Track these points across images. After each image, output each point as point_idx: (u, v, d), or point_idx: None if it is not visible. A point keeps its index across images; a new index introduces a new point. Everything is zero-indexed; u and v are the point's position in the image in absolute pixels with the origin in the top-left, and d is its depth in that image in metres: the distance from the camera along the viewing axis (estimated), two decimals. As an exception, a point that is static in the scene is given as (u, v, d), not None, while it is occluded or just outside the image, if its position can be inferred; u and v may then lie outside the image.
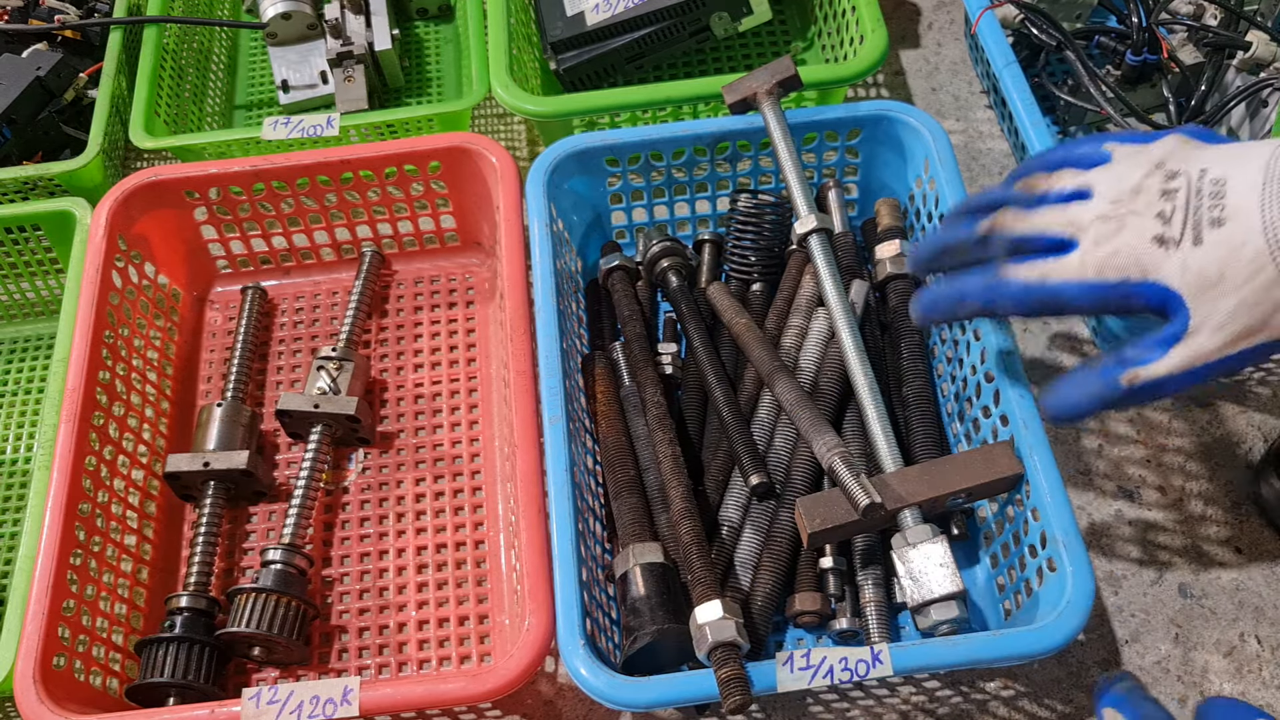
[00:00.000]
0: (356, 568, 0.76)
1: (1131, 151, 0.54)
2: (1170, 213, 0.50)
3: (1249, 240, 0.47)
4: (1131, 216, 0.51)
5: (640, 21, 0.91)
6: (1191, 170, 0.51)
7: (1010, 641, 0.58)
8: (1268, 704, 0.68)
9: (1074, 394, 0.54)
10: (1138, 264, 0.50)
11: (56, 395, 0.72)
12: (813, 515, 0.63)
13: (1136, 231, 0.51)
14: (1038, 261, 0.54)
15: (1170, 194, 0.51)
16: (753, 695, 0.57)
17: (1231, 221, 0.48)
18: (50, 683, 0.62)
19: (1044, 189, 0.56)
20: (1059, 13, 0.89)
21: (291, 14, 0.99)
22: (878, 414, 0.68)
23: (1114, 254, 0.51)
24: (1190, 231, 0.49)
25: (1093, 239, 0.52)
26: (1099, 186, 0.54)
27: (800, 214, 0.74)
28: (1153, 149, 0.54)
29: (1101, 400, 0.53)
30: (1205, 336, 0.49)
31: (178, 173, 0.81)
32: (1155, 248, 0.50)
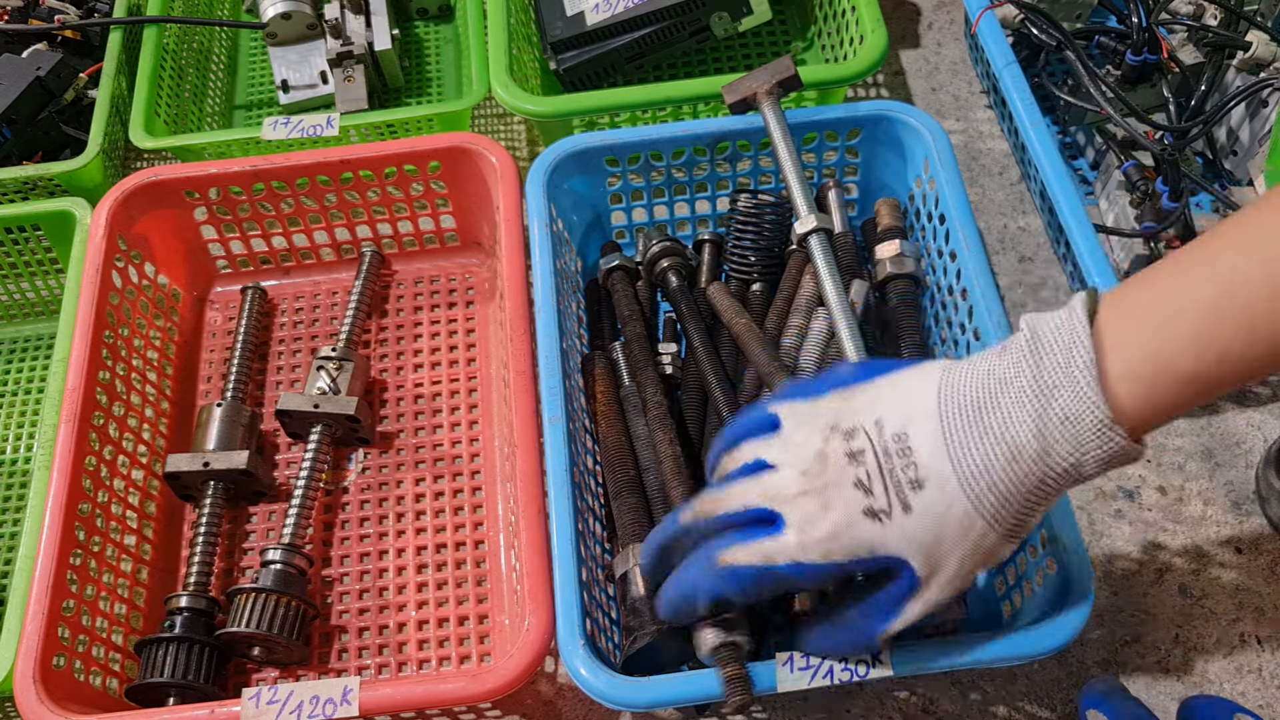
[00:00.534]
0: (356, 568, 0.76)
1: (800, 413, 0.53)
2: (868, 480, 0.49)
3: (953, 502, 0.48)
4: (832, 490, 0.50)
5: (640, 21, 0.91)
6: (868, 426, 0.50)
7: (1010, 641, 0.58)
8: (1267, 704, 0.68)
9: (832, 647, 0.56)
10: (863, 544, 0.49)
11: (56, 395, 0.72)
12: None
13: (844, 508, 0.49)
14: (753, 542, 0.51)
15: (857, 457, 0.50)
16: (754, 694, 0.57)
17: (930, 484, 0.48)
18: (50, 683, 0.62)
19: (730, 468, 0.55)
20: (1059, 13, 0.89)
21: (291, 14, 0.99)
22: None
23: (833, 537, 0.50)
24: (895, 498, 0.49)
25: (801, 518, 0.50)
26: (781, 456, 0.52)
27: (800, 214, 0.74)
28: (819, 410, 0.52)
29: (854, 649, 0.56)
30: (935, 589, 0.50)
31: (178, 173, 0.81)
32: (871, 524, 0.49)
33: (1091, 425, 0.45)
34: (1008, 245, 0.89)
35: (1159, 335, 0.45)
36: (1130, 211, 0.81)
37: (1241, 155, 0.85)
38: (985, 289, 0.69)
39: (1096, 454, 0.46)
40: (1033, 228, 0.90)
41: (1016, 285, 0.87)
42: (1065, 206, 0.76)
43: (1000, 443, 0.47)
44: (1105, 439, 0.45)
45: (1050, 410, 0.46)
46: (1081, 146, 0.92)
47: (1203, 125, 0.80)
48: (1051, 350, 0.47)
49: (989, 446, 0.47)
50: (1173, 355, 0.45)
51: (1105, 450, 0.46)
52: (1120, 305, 0.47)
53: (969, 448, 0.47)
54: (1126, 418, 0.45)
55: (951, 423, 0.48)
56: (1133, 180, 0.81)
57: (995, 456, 0.47)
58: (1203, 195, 0.86)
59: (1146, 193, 0.80)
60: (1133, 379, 0.45)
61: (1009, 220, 0.91)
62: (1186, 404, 0.46)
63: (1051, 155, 0.78)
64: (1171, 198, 0.78)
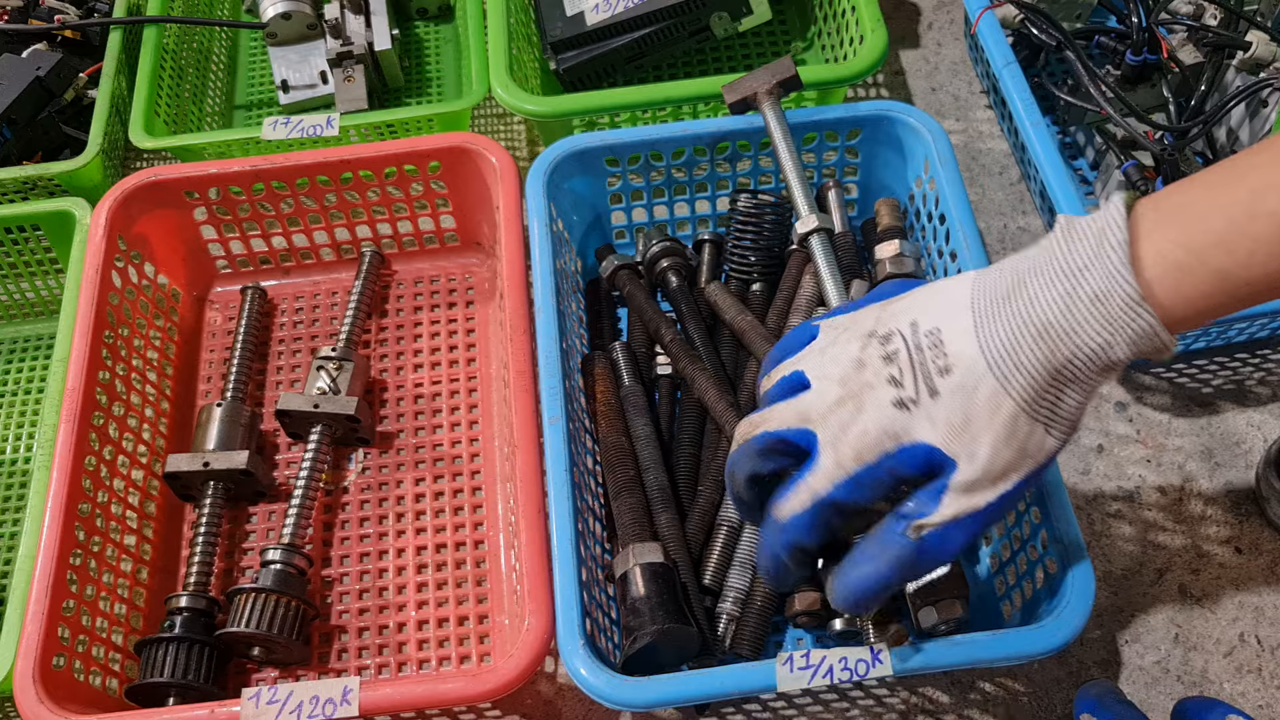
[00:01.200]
0: (356, 568, 0.76)
1: (839, 325, 0.53)
2: (900, 375, 0.49)
3: (980, 381, 0.48)
4: (866, 392, 0.50)
5: (640, 21, 0.91)
6: (903, 327, 0.50)
7: (1010, 641, 0.58)
8: (1267, 704, 0.68)
9: (869, 569, 0.51)
10: (889, 434, 0.49)
11: (56, 395, 0.72)
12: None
13: (876, 406, 0.50)
14: (797, 486, 0.51)
15: (892, 357, 0.50)
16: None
17: (958, 368, 0.48)
18: (50, 683, 0.62)
19: (767, 387, 0.55)
20: (1059, 13, 0.89)
21: (291, 14, 0.99)
22: None
23: (863, 435, 0.50)
24: (924, 386, 0.49)
25: (836, 427, 0.50)
26: (818, 368, 0.52)
27: (801, 214, 0.74)
28: (859, 319, 0.53)
29: (897, 563, 0.50)
30: (974, 480, 0.49)
31: (178, 173, 0.81)
32: (900, 413, 0.49)
33: (1121, 302, 0.45)
34: (1008, 245, 0.89)
35: (1192, 228, 0.46)
36: (1130, 211, 0.81)
37: (1241, 155, 0.85)
38: (985, 289, 0.69)
39: (1126, 332, 0.46)
40: (1033, 228, 0.90)
41: (1016, 285, 0.87)
42: (1065, 206, 0.76)
43: (1027, 322, 0.47)
44: (1134, 315, 0.45)
45: (1079, 289, 0.46)
46: (1081, 146, 0.92)
47: (1203, 125, 0.80)
48: (1084, 235, 0.47)
49: (1016, 326, 0.47)
50: (1204, 246, 0.45)
51: (1135, 329, 0.45)
52: (1156, 202, 0.47)
53: (996, 329, 0.47)
54: (1157, 304, 0.45)
55: (981, 311, 0.48)
56: (1133, 180, 0.81)
57: (1022, 335, 0.47)
58: (1203, 195, 0.85)
59: (1146, 193, 0.80)
60: (1165, 265, 0.45)
61: (1009, 220, 0.91)
62: (1217, 305, 0.46)
63: (1051, 155, 0.78)
64: (1171, 198, 0.77)
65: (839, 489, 0.50)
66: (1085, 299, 0.46)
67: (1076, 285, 0.46)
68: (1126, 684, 0.69)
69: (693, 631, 0.63)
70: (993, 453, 0.48)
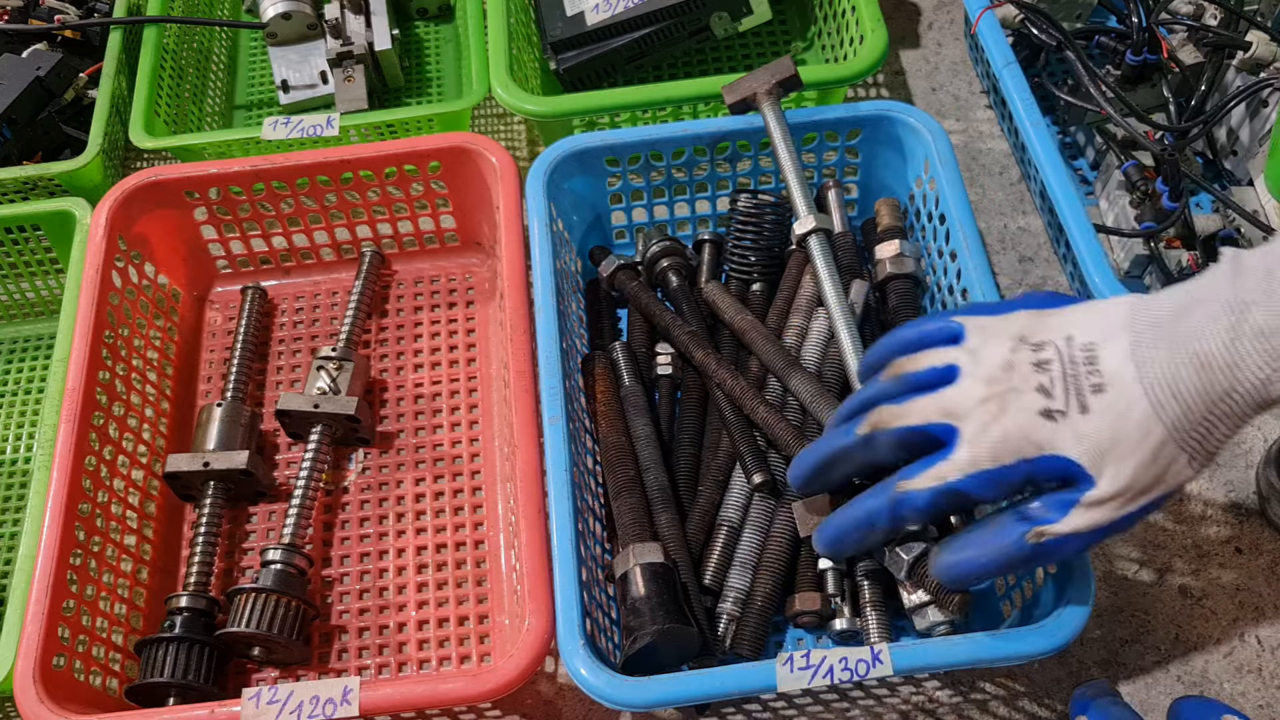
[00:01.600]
0: (356, 568, 0.76)
1: (986, 326, 0.54)
2: (1050, 385, 0.50)
3: (1134, 404, 0.48)
4: (1012, 395, 0.51)
5: (640, 21, 0.91)
6: (1057, 339, 0.51)
7: (1010, 641, 0.58)
8: (1267, 703, 0.68)
9: (978, 555, 0.53)
10: (1031, 441, 0.50)
11: (56, 395, 0.72)
12: (806, 521, 0.63)
13: (1021, 409, 0.50)
14: (929, 467, 0.52)
15: (1044, 365, 0.51)
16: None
17: (1112, 388, 0.49)
18: (50, 683, 0.62)
19: (910, 370, 0.55)
20: (1059, 13, 0.89)
21: (291, 14, 0.99)
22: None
23: (1004, 438, 0.50)
24: (1075, 400, 0.49)
25: (977, 425, 0.51)
26: (965, 366, 0.53)
27: (800, 214, 0.74)
28: (1009, 323, 0.53)
29: (1008, 558, 0.52)
30: (1109, 499, 0.49)
31: (178, 173, 0.81)
32: (1045, 422, 0.50)
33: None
34: (1008, 245, 0.89)
35: None
36: (1130, 211, 0.81)
37: (1241, 155, 0.85)
38: (985, 289, 0.69)
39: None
40: (1033, 228, 0.90)
41: (1016, 285, 0.87)
42: (1065, 206, 0.76)
43: (1189, 353, 0.47)
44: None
45: (1245, 324, 0.46)
46: (1081, 146, 0.92)
47: (1203, 125, 0.80)
48: (1253, 270, 0.47)
49: (1177, 356, 0.47)
50: None
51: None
52: None
53: (1156, 356, 0.48)
54: None
55: (1141, 335, 0.49)
56: (1133, 180, 0.81)
57: (1182, 365, 0.47)
58: (1203, 195, 0.86)
59: (1146, 193, 0.80)
60: None
61: (1009, 220, 0.91)
62: None
63: (1051, 155, 0.78)
64: (1171, 198, 0.78)
65: (968, 481, 0.51)
66: (1250, 333, 0.46)
67: (1242, 319, 0.46)
68: (1126, 684, 0.69)
69: (693, 631, 0.63)
70: (1133, 476, 0.49)
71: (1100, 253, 0.73)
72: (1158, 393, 0.48)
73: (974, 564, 0.53)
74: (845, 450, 0.56)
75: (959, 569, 0.54)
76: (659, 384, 0.78)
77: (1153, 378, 0.48)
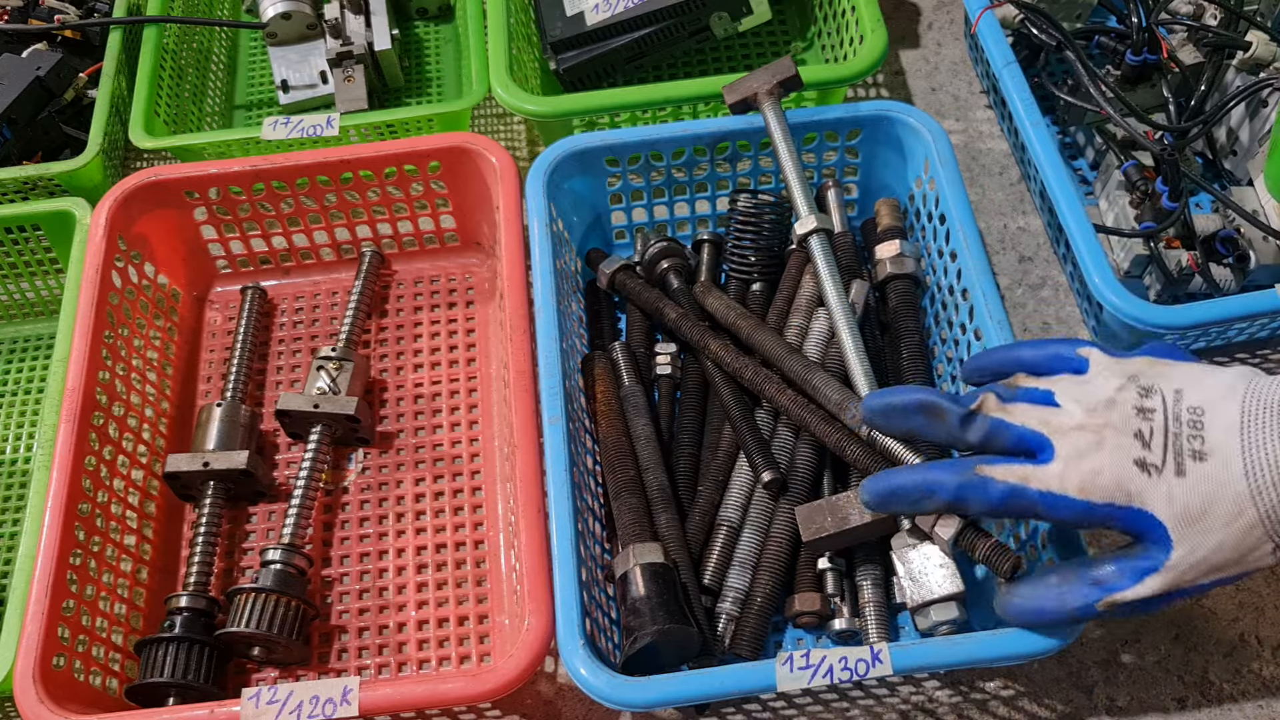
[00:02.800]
0: (356, 568, 0.76)
1: (1104, 363, 0.55)
2: (1149, 435, 0.50)
3: (1231, 481, 0.48)
4: (1109, 431, 0.51)
5: (640, 21, 0.91)
6: (1166, 391, 0.51)
7: (1010, 641, 0.58)
8: (1267, 703, 0.68)
9: (1048, 606, 0.54)
10: (1122, 488, 0.50)
11: (56, 395, 0.72)
12: (809, 525, 0.63)
13: (1117, 451, 0.51)
14: (1015, 465, 0.53)
15: (1146, 414, 0.51)
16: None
17: (1213, 458, 0.49)
18: (50, 683, 0.62)
19: (1022, 383, 0.56)
20: (1059, 13, 0.89)
21: (291, 14, 0.99)
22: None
23: (1096, 474, 0.51)
24: (1172, 460, 0.49)
25: (1071, 449, 0.51)
26: (1072, 393, 0.54)
27: (800, 214, 0.74)
28: (1126, 364, 0.54)
29: (1071, 615, 0.53)
30: (1185, 570, 0.50)
31: (178, 173, 0.81)
32: (1139, 473, 0.50)
33: None
34: (1008, 245, 0.89)
35: None
36: (1130, 211, 0.81)
37: (1241, 155, 0.85)
38: (985, 289, 0.70)
39: None
40: (1033, 228, 0.90)
41: (1016, 285, 0.87)
42: (1065, 206, 0.76)
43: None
44: None
45: None
46: (1081, 146, 0.92)
47: (1203, 125, 0.80)
48: None
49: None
50: None
51: None
52: None
53: (1263, 439, 0.48)
54: None
55: (1253, 416, 0.49)
56: (1132, 180, 0.81)
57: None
58: (1203, 195, 0.86)
59: (1146, 193, 0.80)
60: None
61: (1009, 220, 0.91)
62: None
63: (1051, 155, 0.78)
64: (1171, 198, 0.78)
65: (1048, 499, 0.51)
66: None
67: None
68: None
69: (693, 632, 0.63)
70: (1216, 553, 0.49)
71: (1100, 253, 0.73)
72: (1259, 477, 0.48)
73: (1043, 614, 0.55)
74: (941, 409, 0.55)
75: (1026, 615, 0.55)
76: (659, 384, 0.78)
77: (1258, 460, 0.48)
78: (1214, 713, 0.68)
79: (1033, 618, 0.55)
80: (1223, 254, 0.79)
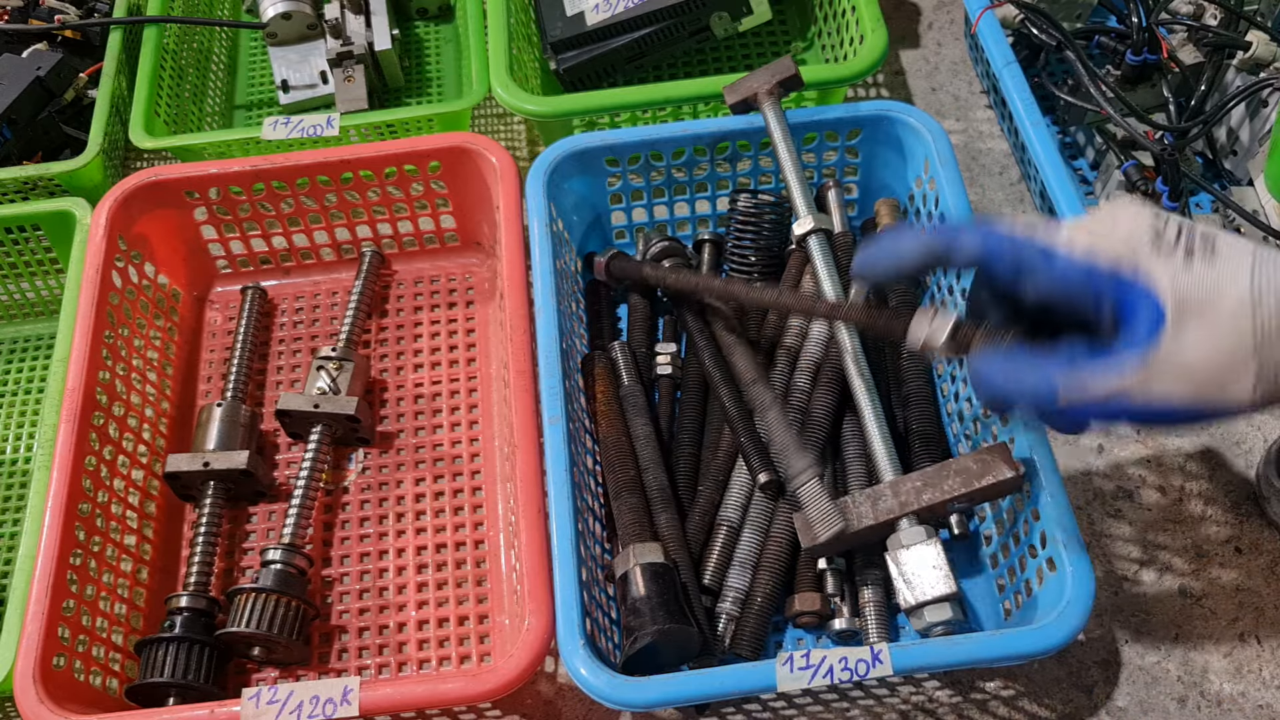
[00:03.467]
0: (356, 568, 0.76)
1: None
2: (1163, 228, 0.48)
3: (1237, 280, 0.46)
4: (1124, 210, 0.49)
5: (640, 21, 0.91)
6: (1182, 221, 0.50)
7: (1010, 641, 0.58)
8: (1267, 704, 0.68)
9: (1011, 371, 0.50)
10: (1133, 254, 0.47)
11: (56, 395, 0.72)
12: (807, 531, 0.63)
13: (1134, 220, 0.48)
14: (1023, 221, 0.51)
15: (1163, 218, 0.49)
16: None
17: (1223, 260, 0.47)
18: (50, 683, 0.62)
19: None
20: (1059, 13, 0.89)
21: (291, 14, 0.99)
22: (876, 420, 0.68)
23: (1105, 236, 0.48)
24: (1183, 247, 0.47)
25: (1083, 221, 0.49)
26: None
27: (800, 214, 0.74)
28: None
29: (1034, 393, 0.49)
30: (1162, 367, 0.46)
31: (178, 173, 0.81)
32: (1150, 246, 0.47)
33: None
34: (1008, 245, 0.89)
35: None
36: (1130, 211, 0.81)
37: (1241, 155, 0.85)
38: (985, 289, 0.69)
39: None
40: (1033, 228, 0.90)
41: (1016, 285, 0.87)
42: (1065, 206, 0.76)
43: None
44: None
45: None
46: (1081, 146, 0.92)
47: (1203, 125, 0.80)
48: None
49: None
50: None
51: None
52: None
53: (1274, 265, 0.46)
54: None
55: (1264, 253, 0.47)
56: (1133, 180, 0.81)
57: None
58: (1203, 195, 0.86)
59: (1146, 193, 0.80)
60: None
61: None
62: None
63: (1051, 155, 0.78)
64: (1171, 198, 0.78)
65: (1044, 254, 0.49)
66: None
67: None
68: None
69: (693, 632, 0.63)
70: (1198, 356, 0.46)
71: (1100, 253, 0.73)
72: (1262, 284, 0.46)
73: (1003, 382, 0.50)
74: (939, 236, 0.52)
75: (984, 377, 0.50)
76: (659, 384, 0.78)
77: (1264, 275, 0.46)
78: (1214, 713, 0.68)
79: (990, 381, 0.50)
80: (1223, 254, 0.79)
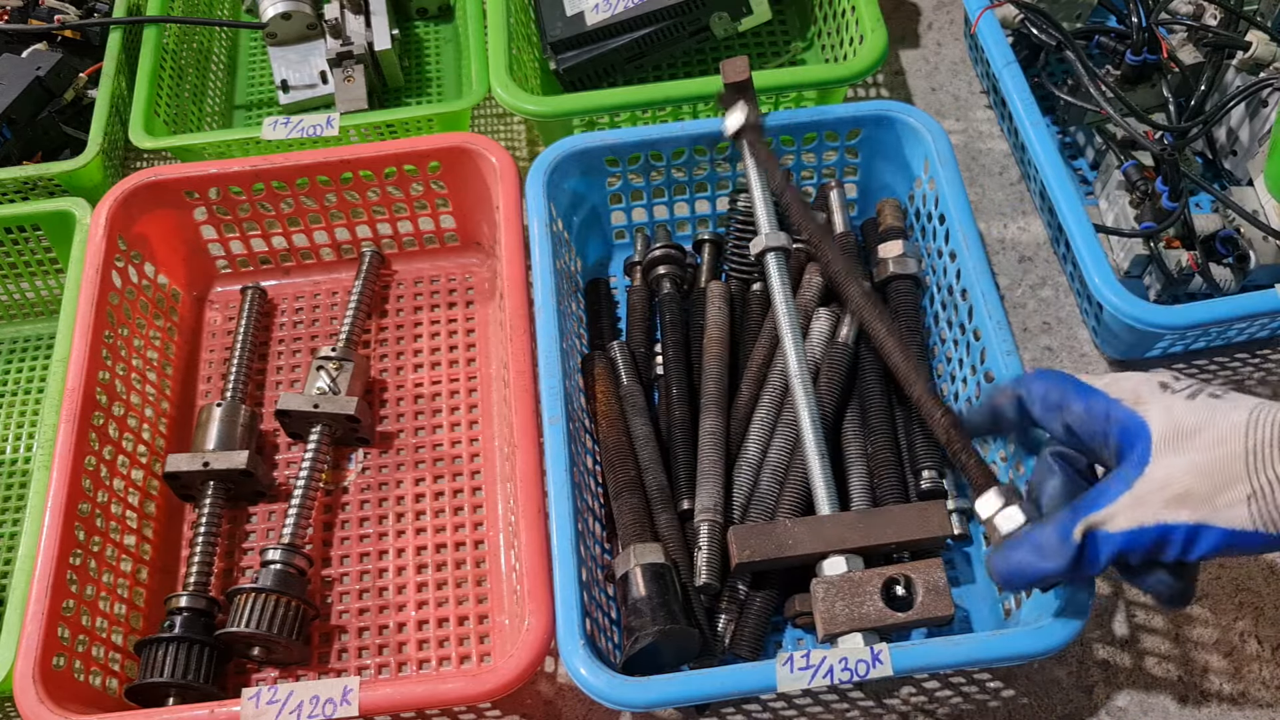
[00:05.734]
0: (356, 568, 0.76)
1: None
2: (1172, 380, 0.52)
3: (1233, 412, 0.48)
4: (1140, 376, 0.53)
5: (640, 21, 0.91)
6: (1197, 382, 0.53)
7: (1010, 641, 0.58)
8: (1267, 704, 0.68)
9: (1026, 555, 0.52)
10: (1135, 393, 0.51)
11: (56, 395, 0.72)
12: (743, 546, 0.63)
13: (1147, 378, 0.52)
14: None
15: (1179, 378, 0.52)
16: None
17: (1223, 401, 0.50)
18: (50, 683, 0.62)
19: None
20: (1059, 13, 0.89)
21: (291, 14, 0.99)
22: (818, 455, 0.67)
23: (1119, 380, 0.53)
24: (1186, 392, 0.51)
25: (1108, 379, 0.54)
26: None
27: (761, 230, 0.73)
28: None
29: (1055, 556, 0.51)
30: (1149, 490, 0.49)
31: (178, 173, 0.81)
32: (1155, 387, 0.51)
33: None
34: (1008, 245, 0.89)
35: None
36: (1130, 211, 0.81)
37: (1241, 155, 0.85)
38: (985, 289, 0.70)
39: None
40: (1033, 228, 0.90)
41: (1016, 285, 0.87)
42: (1065, 206, 0.76)
43: None
44: None
45: None
46: (1081, 146, 0.92)
47: (1202, 125, 0.80)
48: None
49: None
50: None
51: None
52: None
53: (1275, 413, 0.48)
54: None
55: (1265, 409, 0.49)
56: (1132, 180, 0.81)
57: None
58: (1202, 195, 0.86)
59: (1146, 193, 0.80)
60: None
61: (1009, 220, 0.91)
62: None
63: (1051, 155, 0.78)
64: (1171, 198, 0.78)
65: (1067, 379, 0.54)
66: None
67: None
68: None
69: (694, 632, 0.63)
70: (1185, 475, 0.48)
71: (1100, 253, 0.73)
72: (1260, 415, 0.48)
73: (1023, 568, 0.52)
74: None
75: (1009, 572, 0.53)
76: (659, 384, 0.78)
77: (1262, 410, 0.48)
78: (1214, 713, 0.68)
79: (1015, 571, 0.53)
80: (1223, 254, 0.79)
